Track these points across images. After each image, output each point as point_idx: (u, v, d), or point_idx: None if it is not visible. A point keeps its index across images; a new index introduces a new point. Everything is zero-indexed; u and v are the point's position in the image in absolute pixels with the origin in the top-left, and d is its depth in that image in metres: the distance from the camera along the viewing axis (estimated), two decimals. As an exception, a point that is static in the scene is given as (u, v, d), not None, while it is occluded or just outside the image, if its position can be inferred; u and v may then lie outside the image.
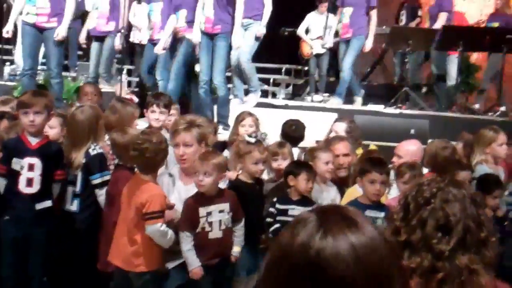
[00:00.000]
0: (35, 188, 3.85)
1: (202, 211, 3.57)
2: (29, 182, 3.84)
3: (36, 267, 3.92)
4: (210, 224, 3.58)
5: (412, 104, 8.16)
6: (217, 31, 6.74)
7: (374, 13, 7.82)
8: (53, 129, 4.27)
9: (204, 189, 3.58)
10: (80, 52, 9.78)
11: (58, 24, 6.42)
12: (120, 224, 3.60)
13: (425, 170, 4.50)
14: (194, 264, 3.53)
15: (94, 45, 7.45)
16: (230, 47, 6.95)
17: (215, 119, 6.80)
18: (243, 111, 5.59)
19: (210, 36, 6.76)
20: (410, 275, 1.80)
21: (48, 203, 3.89)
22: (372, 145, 5.23)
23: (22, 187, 3.84)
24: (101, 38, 7.44)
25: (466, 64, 9.63)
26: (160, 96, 5.09)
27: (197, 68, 7.68)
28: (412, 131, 6.14)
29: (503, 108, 7.69)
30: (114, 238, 3.61)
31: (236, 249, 3.67)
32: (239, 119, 5.32)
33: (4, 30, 6.61)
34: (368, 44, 7.82)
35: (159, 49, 7.10)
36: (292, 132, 5.17)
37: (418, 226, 1.84)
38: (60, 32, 6.44)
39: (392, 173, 4.18)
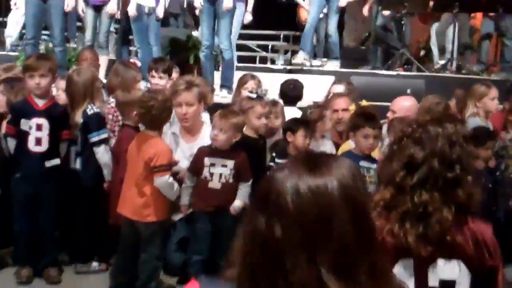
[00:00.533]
0: (44, 147, 4.01)
1: (207, 161, 3.81)
2: (38, 141, 4.01)
3: (47, 222, 4.11)
4: (212, 175, 3.82)
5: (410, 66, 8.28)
6: None
7: None
8: (64, 93, 4.42)
9: (217, 144, 3.81)
10: (79, 23, 9.85)
11: None
12: (128, 178, 3.78)
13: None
14: (184, 201, 3.92)
15: (90, 13, 7.47)
16: (233, 11, 7.00)
17: (219, 83, 6.94)
18: (246, 74, 5.73)
19: (212, 1, 6.84)
20: (375, 207, 1.91)
21: (56, 161, 4.06)
22: (364, 101, 5.35)
23: (32, 146, 4.00)
24: (98, 8, 7.48)
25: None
26: (159, 61, 5.23)
27: (195, 33, 7.80)
28: (408, 91, 6.25)
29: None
30: (122, 192, 3.80)
31: (237, 203, 3.84)
32: (242, 81, 5.46)
33: (12, 2, 6.72)
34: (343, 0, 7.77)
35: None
36: (290, 91, 5.32)
37: (387, 163, 1.97)
38: (70, 3, 6.60)
39: (385, 127, 4.32)
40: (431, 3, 7.88)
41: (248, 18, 7.30)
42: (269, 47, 10.72)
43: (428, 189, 1.86)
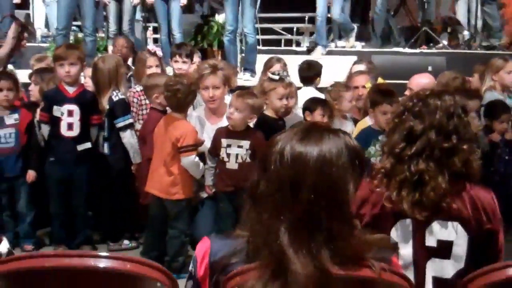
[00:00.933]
0: (75, 131, 4.24)
1: (224, 142, 3.97)
2: (70, 126, 4.23)
3: (80, 203, 4.35)
4: (228, 155, 3.97)
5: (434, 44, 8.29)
6: None
7: None
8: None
9: (232, 122, 3.95)
10: (104, 13, 10.07)
11: None
12: (156, 158, 3.99)
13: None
14: (207, 181, 4.09)
15: (113, 3, 7.65)
16: None
17: (242, 66, 7.08)
18: (272, 57, 5.85)
19: None
20: (376, 175, 2.06)
21: (88, 145, 4.29)
22: (380, 79, 5.45)
23: (64, 131, 4.23)
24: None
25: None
26: (182, 46, 5.42)
27: (218, 18, 7.93)
28: (430, 68, 6.34)
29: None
30: (150, 171, 4.01)
31: None
32: (268, 65, 5.58)
33: None
34: None
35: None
36: (304, 72, 5.45)
37: (390, 135, 2.09)
38: None
39: None
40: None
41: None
42: (294, 29, 10.82)
43: (424, 159, 1.98)
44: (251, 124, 4.13)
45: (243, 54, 7.36)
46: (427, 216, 1.97)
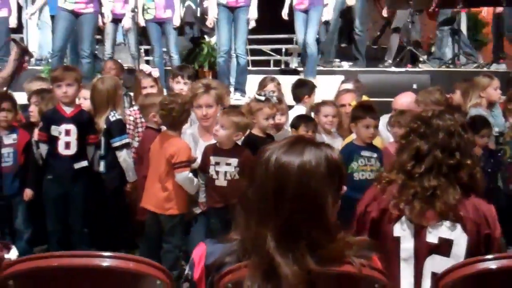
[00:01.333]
0: (72, 150, 4.37)
1: (212, 159, 4.06)
2: (67, 145, 4.37)
3: (77, 220, 4.45)
4: (217, 173, 4.05)
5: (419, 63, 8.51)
6: (240, 4, 7.17)
7: None
8: (87, 100, 4.77)
9: (218, 139, 4.06)
10: (98, 36, 10.22)
11: (94, 8, 6.94)
12: (151, 174, 4.12)
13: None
14: (200, 198, 4.16)
15: (110, 26, 7.82)
16: (248, 19, 7.33)
17: (233, 86, 7.26)
18: (266, 76, 6.04)
19: (231, 9, 7.17)
20: (379, 181, 2.33)
21: (84, 163, 4.42)
22: (364, 96, 5.64)
23: (61, 149, 4.37)
24: (117, 20, 7.83)
25: (474, 20, 9.89)
26: (184, 68, 5.60)
27: (211, 39, 8.11)
28: (414, 86, 6.53)
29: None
30: (146, 187, 4.14)
31: None
32: (262, 84, 5.76)
33: (26, 13, 7.09)
34: (327, 15, 7.73)
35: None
36: (297, 90, 5.65)
37: (399, 155, 2.33)
38: (110, 15, 7.11)
39: (385, 118, 4.62)
40: (434, 2, 8.09)
41: (252, 24, 7.61)
42: (283, 50, 11.02)
43: (435, 176, 2.21)
44: (239, 142, 4.23)
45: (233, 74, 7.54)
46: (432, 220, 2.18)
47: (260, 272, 1.54)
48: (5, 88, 4.36)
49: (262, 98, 4.61)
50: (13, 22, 7.47)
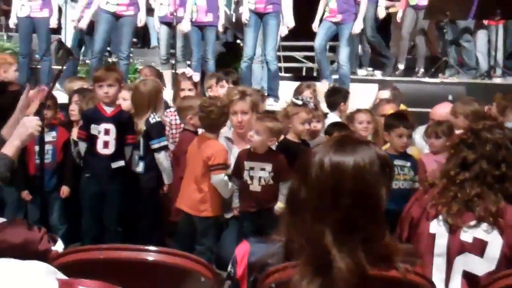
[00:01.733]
0: (111, 149, 4.44)
1: (246, 164, 4.08)
2: (106, 145, 4.43)
3: (111, 219, 4.51)
4: (251, 178, 4.06)
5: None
6: (268, 10, 7.21)
7: None
8: (126, 101, 4.84)
9: (252, 144, 4.09)
10: (134, 39, 10.35)
11: (134, 11, 7.05)
12: (187, 175, 4.17)
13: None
14: (234, 203, 4.15)
15: (164, 30, 7.83)
16: (279, 25, 7.38)
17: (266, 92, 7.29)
18: (302, 83, 6.07)
19: (259, 15, 7.22)
20: (423, 185, 2.48)
21: (121, 163, 4.47)
22: (402, 105, 5.62)
23: (100, 148, 4.44)
24: (170, 24, 7.74)
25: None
26: (230, 72, 5.68)
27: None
28: (450, 97, 6.48)
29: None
30: (181, 188, 4.20)
31: (279, 205, 4.03)
32: (299, 90, 5.79)
33: (71, 19, 7.26)
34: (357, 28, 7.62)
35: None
36: (328, 97, 5.72)
37: (445, 162, 2.45)
38: (142, 19, 7.13)
39: (421, 129, 4.60)
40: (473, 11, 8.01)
41: (284, 31, 7.60)
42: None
43: (478, 184, 2.30)
44: (274, 147, 4.23)
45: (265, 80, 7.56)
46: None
47: (312, 268, 1.58)
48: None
49: (300, 102, 4.63)
50: (54, 23, 7.58)
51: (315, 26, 7.69)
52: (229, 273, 1.78)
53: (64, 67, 5.26)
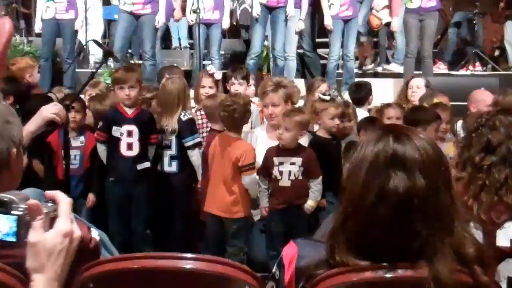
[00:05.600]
0: (135, 151, 4.32)
1: (276, 160, 3.98)
2: (129, 146, 4.31)
3: (139, 222, 4.39)
4: (281, 173, 3.98)
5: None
6: (280, 4, 7.04)
7: None
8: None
9: (283, 142, 3.98)
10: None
11: (152, 10, 6.89)
12: (214, 177, 4.04)
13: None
14: (262, 203, 4.04)
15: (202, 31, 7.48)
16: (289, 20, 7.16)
17: None
18: (316, 78, 5.97)
19: (270, 9, 7.05)
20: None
21: (147, 164, 4.36)
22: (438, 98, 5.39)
23: (124, 151, 4.31)
24: (208, 25, 7.48)
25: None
26: (237, 69, 5.52)
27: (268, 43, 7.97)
28: (482, 90, 6.25)
29: None
30: (209, 191, 4.06)
31: (310, 203, 3.99)
32: (314, 86, 5.64)
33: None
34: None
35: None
36: (353, 93, 5.61)
37: (466, 150, 2.24)
38: (160, 19, 6.97)
39: (459, 123, 4.43)
40: (502, 2, 7.80)
41: (300, 26, 7.36)
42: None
43: (507, 166, 2.10)
44: (304, 142, 4.14)
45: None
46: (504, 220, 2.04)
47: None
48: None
49: (327, 98, 4.55)
50: (78, 25, 7.45)
51: (328, 23, 7.25)
52: (273, 275, 1.66)
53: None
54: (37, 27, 7.50)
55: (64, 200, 1.08)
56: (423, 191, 1.43)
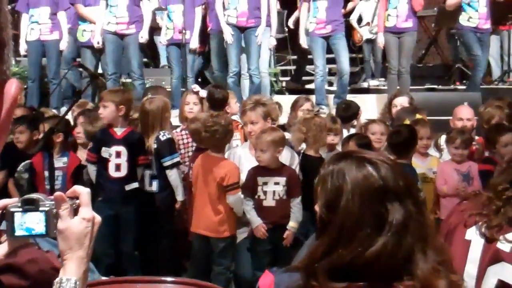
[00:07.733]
0: (123, 172, 4.38)
1: (260, 180, 4.01)
2: (118, 167, 4.37)
3: (127, 243, 4.44)
4: (265, 193, 4.01)
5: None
6: (251, 24, 7.07)
7: None
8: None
9: (263, 163, 4.01)
10: (145, 59, 10.25)
11: (137, 30, 6.96)
12: (199, 197, 4.09)
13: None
14: (257, 222, 3.98)
15: (173, 50, 7.49)
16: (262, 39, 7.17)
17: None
18: (300, 96, 5.98)
19: (241, 29, 7.12)
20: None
21: (135, 185, 4.42)
22: (418, 114, 5.48)
23: (112, 172, 4.38)
24: (178, 45, 7.49)
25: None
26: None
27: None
28: (465, 104, 6.35)
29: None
30: (194, 211, 4.11)
31: (291, 224, 3.98)
32: (298, 104, 5.68)
33: (95, 42, 7.20)
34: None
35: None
36: (343, 111, 5.62)
37: (498, 175, 2.35)
38: (144, 35, 7.04)
39: (443, 138, 4.50)
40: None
41: (272, 42, 7.45)
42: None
43: None
44: (285, 157, 4.16)
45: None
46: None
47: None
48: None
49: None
50: (63, 46, 7.51)
51: (303, 41, 7.37)
52: None
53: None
54: (22, 48, 7.54)
55: (84, 192, 1.23)
56: (415, 214, 1.52)
